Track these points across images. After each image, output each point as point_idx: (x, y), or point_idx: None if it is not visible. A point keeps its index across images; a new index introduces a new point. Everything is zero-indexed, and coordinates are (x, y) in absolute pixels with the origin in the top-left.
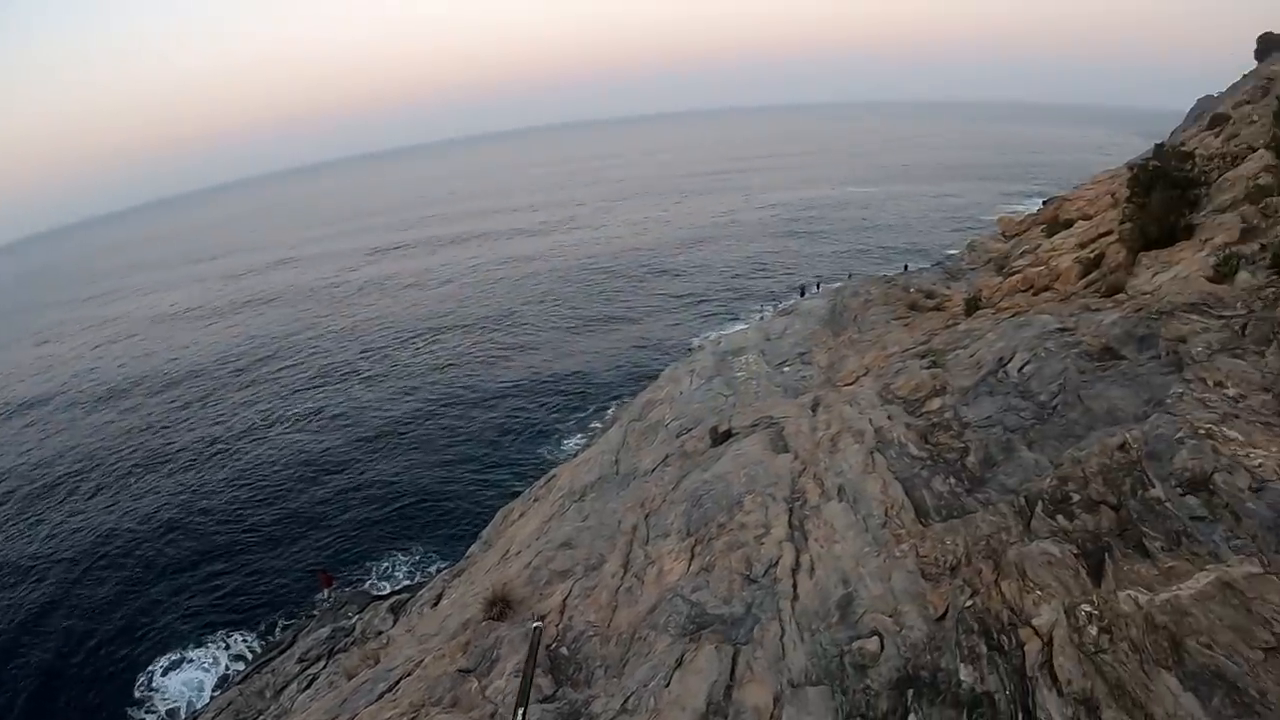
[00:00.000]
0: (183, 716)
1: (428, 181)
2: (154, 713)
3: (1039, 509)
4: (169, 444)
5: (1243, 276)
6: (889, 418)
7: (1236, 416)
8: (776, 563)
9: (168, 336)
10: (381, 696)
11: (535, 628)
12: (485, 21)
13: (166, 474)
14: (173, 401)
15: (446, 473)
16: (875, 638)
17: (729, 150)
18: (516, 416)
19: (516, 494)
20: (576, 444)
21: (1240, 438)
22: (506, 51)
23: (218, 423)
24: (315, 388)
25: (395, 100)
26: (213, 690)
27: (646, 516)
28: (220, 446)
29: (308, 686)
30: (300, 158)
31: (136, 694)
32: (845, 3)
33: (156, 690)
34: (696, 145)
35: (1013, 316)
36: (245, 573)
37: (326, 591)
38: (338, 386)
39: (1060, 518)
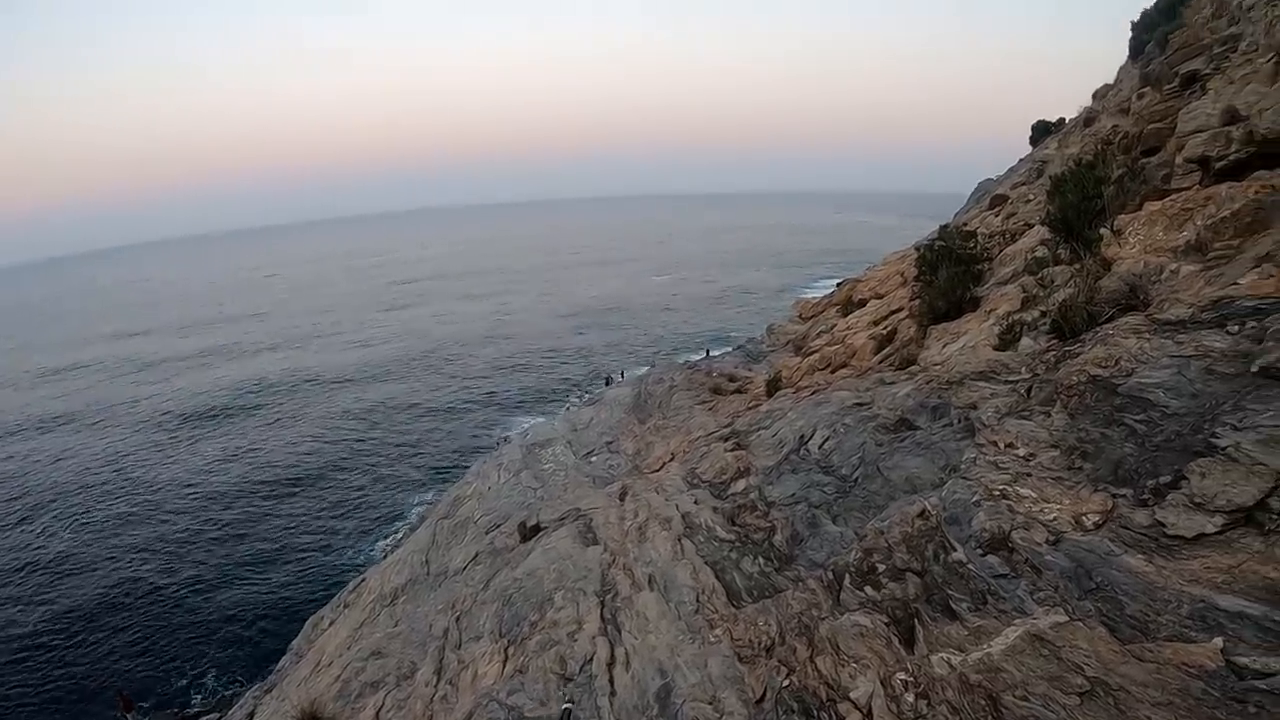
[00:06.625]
0: None
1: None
2: None
3: (847, 581)
4: None
5: (1025, 342)
6: (696, 502)
7: (1029, 475)
8: (591, 659)
9: None
10: None
11: (566, 709)
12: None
13: None
14: None
15: (254, 580)
16: None
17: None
18: (324, 519)
19: (328, 599)
20: (386, 545)
21: (1034, 495)
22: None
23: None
24: (97, 486)
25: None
26: None
27: (458, 619)
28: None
29: None
30: None
31: None
32: (616, 111)
33: None
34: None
35: (812, 395)
36: (25, 697)
37: (128, 716)
38: (126, 486)
39: (868, 588)
